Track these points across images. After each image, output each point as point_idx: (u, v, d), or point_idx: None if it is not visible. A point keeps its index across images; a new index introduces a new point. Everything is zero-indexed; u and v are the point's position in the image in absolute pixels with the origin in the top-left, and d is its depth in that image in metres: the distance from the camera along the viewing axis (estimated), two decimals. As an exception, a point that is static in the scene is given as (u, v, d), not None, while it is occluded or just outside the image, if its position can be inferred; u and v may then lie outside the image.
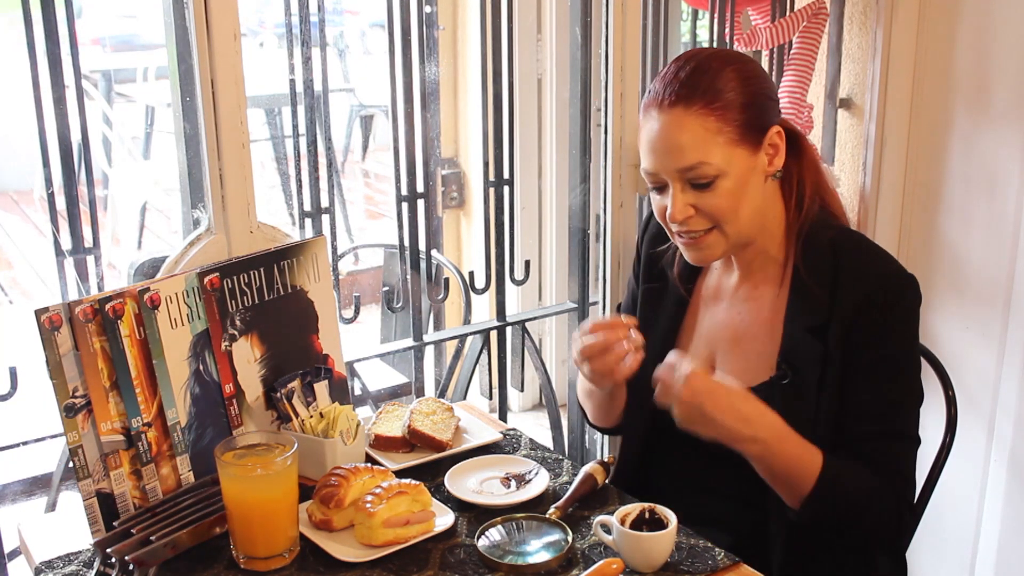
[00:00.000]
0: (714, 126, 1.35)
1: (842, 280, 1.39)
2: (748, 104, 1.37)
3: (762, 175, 1.41)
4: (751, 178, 1.39)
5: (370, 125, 5.94)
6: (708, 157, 1.35)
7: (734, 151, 1.36)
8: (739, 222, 1.40)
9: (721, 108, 1.36)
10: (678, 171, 1.37)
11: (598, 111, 2.12)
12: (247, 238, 1.66)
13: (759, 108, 1.39)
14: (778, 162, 1.41)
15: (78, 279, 1.63)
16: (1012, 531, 2.28)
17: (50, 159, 1.55)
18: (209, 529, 1.34)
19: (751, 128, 1.37)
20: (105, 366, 1.33)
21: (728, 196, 1.37)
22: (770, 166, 1.41)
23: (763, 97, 1.40)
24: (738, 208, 1.39)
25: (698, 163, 1.35)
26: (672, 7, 2.24)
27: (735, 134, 1.36)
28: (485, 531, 1.34)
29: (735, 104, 1.36)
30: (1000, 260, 2.23)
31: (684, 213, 1.39)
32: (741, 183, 1.38)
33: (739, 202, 1.38)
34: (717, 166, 1.36)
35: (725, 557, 1.31)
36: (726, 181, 1.37)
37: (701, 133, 1.35)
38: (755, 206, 1.41)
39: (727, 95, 1.36)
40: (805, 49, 2.28)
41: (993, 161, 2.22)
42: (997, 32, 2.18)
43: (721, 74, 1.38)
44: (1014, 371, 2.22)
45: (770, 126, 1.40)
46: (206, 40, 1.55)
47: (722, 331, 1.51)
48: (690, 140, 1.35)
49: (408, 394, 2.88)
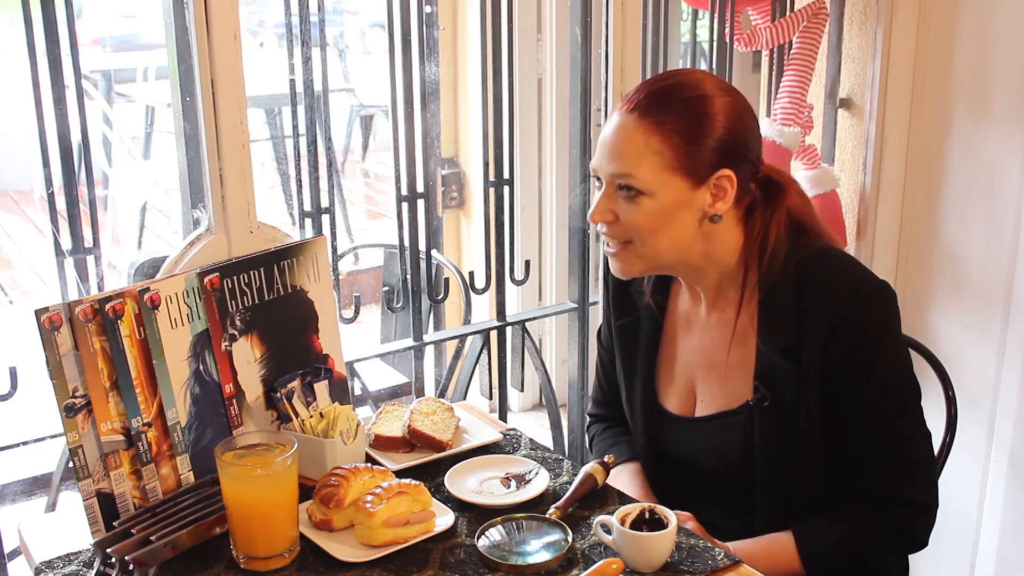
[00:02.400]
0: (656, 146, 1.33)
1: (811, 298, 1.36)
2: (706, 138, 1.34)
3: (698, 212, 1.37)
4: (681, 210, 1.36)
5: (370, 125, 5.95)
6: (638, 172, 1.34)
7: (669, 177, 1.34)
8: (655, 246, 1.38)
9: (672, 132, 1.33)
10: (610, 174, 1.37)
11: (598, 111, 2.13)
12: (247, 238, 1.66)
13: (719, 146, 1.34)
14: (721, 206, 1.37)
15: (78, 279, 1.63)
16: (1012, 531, 2.28)
17: (50, 159, 1.55)
18: (209, 529, 1.34)
19: (696, 162, 1.34)
20: (105, 366, 1.33)
21: (648, 216, 1.35)
22: (711, 207, 1.37)
23: (731, 138, 1.35)
24: (656, 232, 1.36)
25: (626, 173, 1.34)
26: (672, 7, 2.24)
27: (675, 161, 1.33)
28: (485, 531, 1.34)
29: (691, 134, 1.33)
30: (1000, 260, 2.23)
31: (601, 216, 1.39)
32: (667, 210, 1.35)
33: (659, 227, 1.36)
34: (645, 184, 1.34)
35: (725, 557, 1.31)
36: (650, 202, 1.34)
37: (641, 147, 1.34)
38: (678, 238, 1.37)
39: (686, 121, 1.33)
40: (805, 49, 2.28)
41: (993, 161, 2.22)
42: (997, 32, 2.18)
43: (697, 101, 1.35)
44: (1014, 371, 2.22)
45: (723, 167, 1.35)
46: (206, 40, 1.55)
47: (697, 357, 1.50)
48: (628, 149, 1.34)
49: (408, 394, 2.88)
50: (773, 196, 1.42)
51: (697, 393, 1.51)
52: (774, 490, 1.42)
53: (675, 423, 1.52)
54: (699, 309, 1.51)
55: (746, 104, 1.40)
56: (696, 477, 1.52)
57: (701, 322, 1.50)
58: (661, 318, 1.55)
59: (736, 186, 1.36)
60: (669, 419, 1.53)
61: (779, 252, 1.39)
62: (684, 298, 1.54)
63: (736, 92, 1.40)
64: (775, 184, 1.42)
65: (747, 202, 1.42)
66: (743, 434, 1.43)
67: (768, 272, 1.39)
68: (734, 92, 1.40)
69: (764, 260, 1.39)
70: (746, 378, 1.43)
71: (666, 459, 1.56)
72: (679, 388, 1.53)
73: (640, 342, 1.57)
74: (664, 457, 1.56)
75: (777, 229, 1.40)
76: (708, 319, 1.49)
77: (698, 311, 1.51)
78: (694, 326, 1.52)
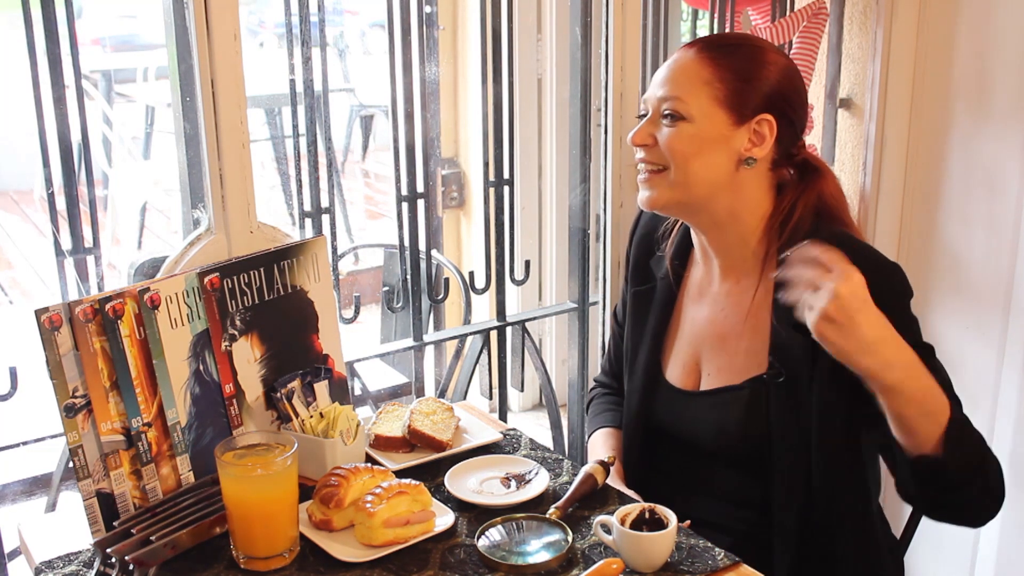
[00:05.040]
0: (708, 76, 1.39)
1: None
2: (756, 80, 1.39)
3: (734, 152, 1.40)
4: (718, 143, 1.40)
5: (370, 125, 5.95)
6: (686, 96, 1.39)
7: (713, 108, 1.39)
8: (687, 175, 1.40)
9: (726, 68, 1.39)
10: (658, 99, 1.42)
11: (598, 111, 2.12)
12: (247, 238, 1.66)
13: (768, 92, 1.40)
14: (758, 152, 1.41)
15: (78, 279, 1.63)
16: (1012, 531, 2.28)
17: (50, 159, 1.55)
18: (209, 529, 1.34)
19: (742, 100, 1.39)
20: (105, 366, 1.33)
21: (686, 141, 1.39)
22: (747, 150, 1.41)
23: (779, 90, 1.41)
24: (689, 159, 1.40)
25: (674, 96, 1.39)
26: (672, 7, 2.23)
27: (722, 93, 1.39)
28: (485, 531, 1.34)
29: (741, 74, 1.39)
30: (1000, 260, 2.23)
31: (642, 139, 1.43)
32: (704, 139, 1.39)
33: (694, 154, 1.39)
34: (689, 110, 1.39)
35: (725, 557, 1.31)
36: (689, 127, 1.39)
37: (692, 75, 1.40)
38: (710, 174, 1.40)
39: (741, 62, 1.39)
40: (805, 49, 2.28)
41: (993, 161, 2.22)
42: (997, 32, 2.18)
43: (756, 50, 1.42)
44: (1014, 371, 2.22)
45: (766, 113, 1.39)
46: (206, 40, 1.55)
47: (706, 328, 1.51)
48: (681, 77, 1.41)
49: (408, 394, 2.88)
50: (808, 178, 1.45)
51: (703, 366, 1.51)
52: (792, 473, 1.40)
53: (677, 397, 1.52)
54: (712, 280, 1.52)
55: (800, 74, 1.46)
56: (694, 461, 1.50)
57: (713, 294, 1.51)
58: (676, 288, 1.57)
59: (775, 135, 1.40)
60: (671, 392, 1.53)
61: (800, 230, 1.40)
62: (698, 269, 1.55)
63: (793, 62, 1.46)
64: (812, 168, 1.46)
65: (782, 174, 1.45)
66: (746, 412, 1.42)
67: (786, 246, 1.39)
68: (791, 60, 1.46)
69: (784, 235, 1.41)
70: (756, 352, 1.43)
71: (664, 439, 1.55)
72: (684, 361, 1.53)
73: (652, 311, 1.59)
74: (661, 436, 1.55)
75: (804, 208, 1.43)
76: (720, 291, 1.50)
77: (710, 283, 1.52)
78: (705, 298, 1.53)
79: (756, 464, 1.43)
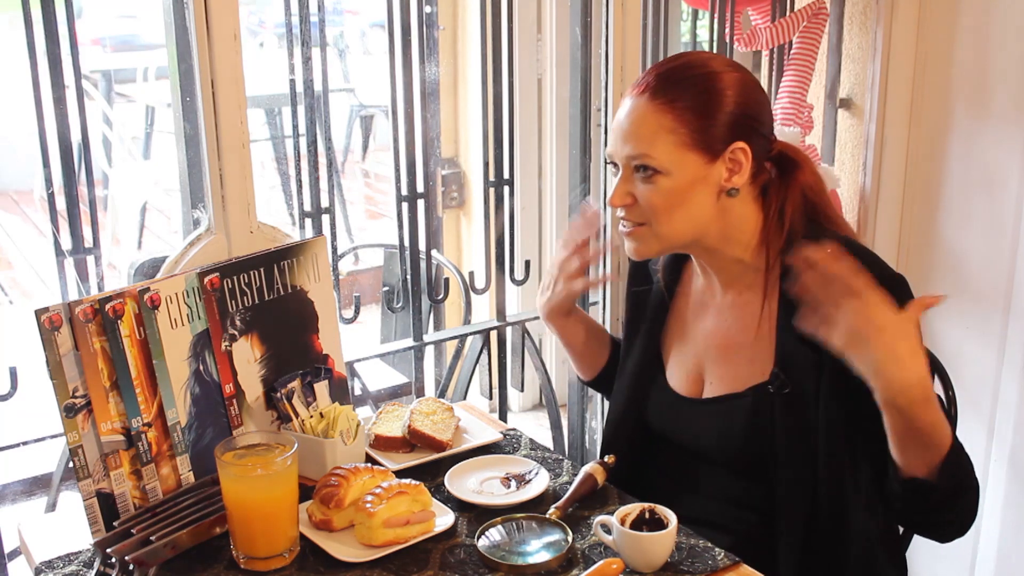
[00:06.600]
0: (669, 124, 1.35)
1: None
2: (717, 112, 1.35)
3: (714, 187, 1.38)
4: (698, 187, 1.37)
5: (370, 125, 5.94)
6: (653, 151, 1.35)
7: (683, 154, 1.35)
8: (671, 225, 1.38)
9: (684, 109, 1.35)
10: (626, 157, 1.39)
11: (598, 111, 2.13)
12: (247, 238, 1.66)
13: (731, 120, 1.36)
14: (738, 180, 1.38)
15: (78, 279, 1.63)
16: (1012, 531, 2.28)
17: (50, 159, 1.55)
18: (209, 529, 1.34)
19: (709, 137, 1.35)
20: (105, 366, 1.33)
21: (665, 195, 1.37)
22: (727, 181, 1.38)
23: (742, 112, 1.37)
24: (673, 211, 1.37)
25: (642, 154, 1.36)
26: (672, 7, 2.24)
27: (689, 138, 1.35)
28: (485, 531, 1.34)
29: (702, 109, 1.35)
30: (1000, 260, 2.23)
31: (621, 199, 1.40)
32: (684, 188, 1.36)
33: (676, 206, 1.37)
34: (660, 162, 1.35)
35: (725, 557, 1.31)
36: (667, 180, 1.36)
37: (654, 127, 1.36)
38: (695, 216, 1.38)
39: (696, 97, 1.35)
40: (805, 49, 2.28)
41: (993, 161, 2.22)
42: (997, 32, 2.18)
43: (706, 77, 1.36)
44: (1014, 371, 2.22)
45: (737, 140, 1.36)
46: (206, 40, 1.55)
47: (710, 338, 1.50)
48: (642, 130, 1.37)
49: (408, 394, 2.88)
50: (787, 173, 1.43)
51: (706, 376, 1.50)
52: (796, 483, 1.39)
53: (680, 403, 1.52)
54: (714, 293, 1.51)
55: (755, 80, 1.42)
56: (695, 465, 1.50)
57: (716, 305, 1.51)
58: (668, 299, 1.57)
59: (751, 159, 1.38)
60: (673, 398, 1.53)
61: (795, 233, 1.40)
62: (698, 281, 1.55)
63: (744, 68, 1.42)
64: (789, 160, 1.44)
65: (763, 180, 1.43)
66: (748, 419, 1.42)
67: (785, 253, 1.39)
68: (742, 68, 1.42)
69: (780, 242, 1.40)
70: (760, 363, 1.43)
71: (665, 444, 1.55)
72: (688, 369, 1.52)
73: (646, 313, 1.59)
74: (662, 441, 1.55)
75: (793, 211, 1.41)
76: (723, 302, 1.50)
77: (713, 295, 1.51)
78: (708, 309, 1.52)
79: (759, 470, 1.43)
